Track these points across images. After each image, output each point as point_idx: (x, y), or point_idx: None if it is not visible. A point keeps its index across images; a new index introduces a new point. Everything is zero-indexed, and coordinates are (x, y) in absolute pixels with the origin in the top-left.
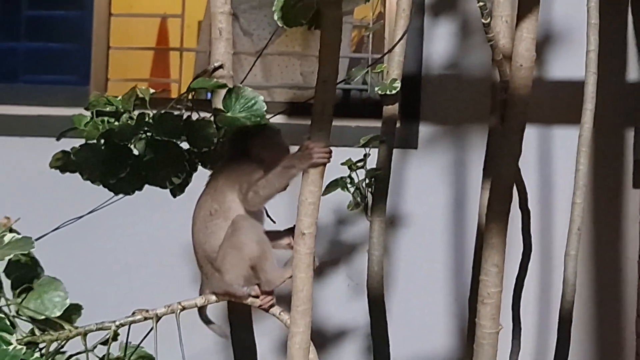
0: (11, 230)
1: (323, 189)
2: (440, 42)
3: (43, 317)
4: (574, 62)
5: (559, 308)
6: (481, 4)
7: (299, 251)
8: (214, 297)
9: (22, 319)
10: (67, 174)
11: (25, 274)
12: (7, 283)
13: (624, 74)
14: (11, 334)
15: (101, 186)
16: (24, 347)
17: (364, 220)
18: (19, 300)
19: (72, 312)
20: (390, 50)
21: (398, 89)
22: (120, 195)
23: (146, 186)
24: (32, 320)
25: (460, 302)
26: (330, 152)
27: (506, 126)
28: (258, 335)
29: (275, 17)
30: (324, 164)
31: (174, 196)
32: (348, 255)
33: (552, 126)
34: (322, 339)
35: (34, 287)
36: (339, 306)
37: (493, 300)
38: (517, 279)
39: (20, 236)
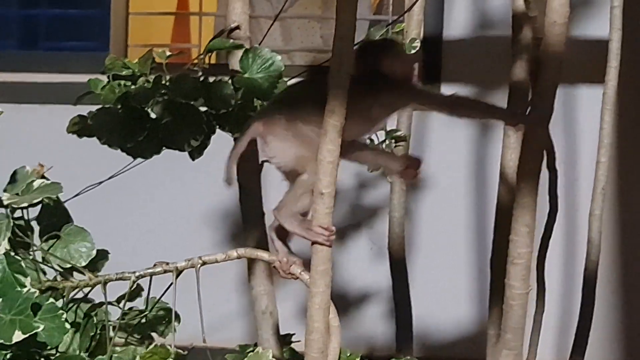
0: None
1: None
2: (461, 2)
3: (69, 265)
4: (599, 21)
5: (583, 268)
6: None
7: (317, 211)
8: (235, 254)
9: (48, 266)
10: (87, 141)
11: (56, 222)
12: (37, 231)
13: None
14: (26, 276)
15: (120, 151)
16: (37, 292)
17: (385, 184)
18: (46, 247)
19: (99, 258)
20: (409, 9)
21: (418, 48)
22: (140, 160)
23: (166, 151)
24: (59, 268)
25: (483, 265)
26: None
27: (539, 84)
28: (279, 301)
29: None
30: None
31: (193, 159)
32: (370, 218)
33: (576, 85)
34: (344, 303)
35: (62, 236)
36: (361, 270)
37: (523, 261)
38: (542, 239)
39: (49, 181)
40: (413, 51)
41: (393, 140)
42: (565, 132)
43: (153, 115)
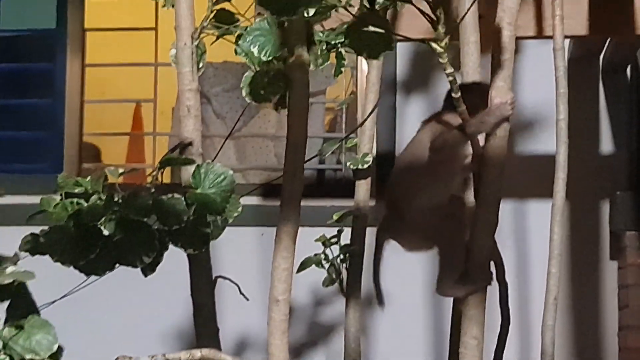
0: None
1: (297, 266)
2: (413, 119)
3: (29, 357)
4: (546, 136)
5: None
6: (450, 78)
7: (273, 318)
8: (199, 354)
9: (8, 355)
10: (40, 260)
11: (21, 312)
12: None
13: (598, 146)
14: None
15: (72, 269)
16: None
17: (341, 301)
18: (9, 336)
19: (57, 356)
20: (361, 124)
21: (370, 162)
22: (93, 278)
23: (119, 268)
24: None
25: None
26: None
27: (481, 197)
28: None
29: (244, 93)
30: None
31: (145, 275)
32: (326, 336)
33: (526, 200)
34: None
35: (25, 326)
36: None
37: None
38: (495, 351)
39: (22, 269)
40: (365, 166)
41: (347, 254)
42: (517, 246)
43: (106, 233)
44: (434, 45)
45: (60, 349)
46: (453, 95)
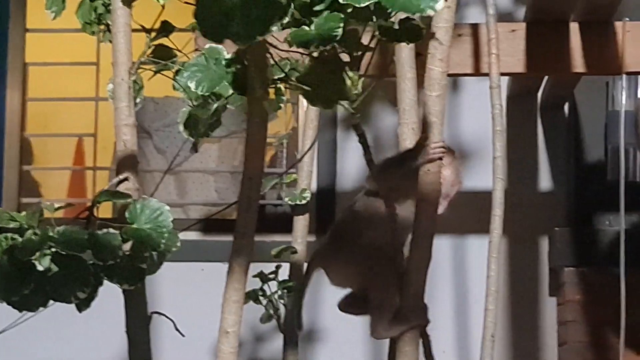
0: None
1: None
2: (353, 154)
3: None
4: (485, 172)
5: None
6: (362, 140)
7: (222, 350)
8: None
9: None
10: None
11: None
12: None
13: (536, 182)
14: None
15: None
16: None
17: (279, 337)
18: None
19: None
20: (299, 160)
21: (308, 198)
22: (28, 314)
23: (53, 303)
24: None
25: None
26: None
27: (415, 233)
28: None
29: (181, 129)
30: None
31: (80, 311)
32: None
33: (465, 236)
34: None
35: None
36: None
37: None
38: None
39: None
40: (304, 201)
41: (285, 290)
42: (455, 282)
43: (40, 268)
44: (346, 106)
45: None
46: (365, 157)
